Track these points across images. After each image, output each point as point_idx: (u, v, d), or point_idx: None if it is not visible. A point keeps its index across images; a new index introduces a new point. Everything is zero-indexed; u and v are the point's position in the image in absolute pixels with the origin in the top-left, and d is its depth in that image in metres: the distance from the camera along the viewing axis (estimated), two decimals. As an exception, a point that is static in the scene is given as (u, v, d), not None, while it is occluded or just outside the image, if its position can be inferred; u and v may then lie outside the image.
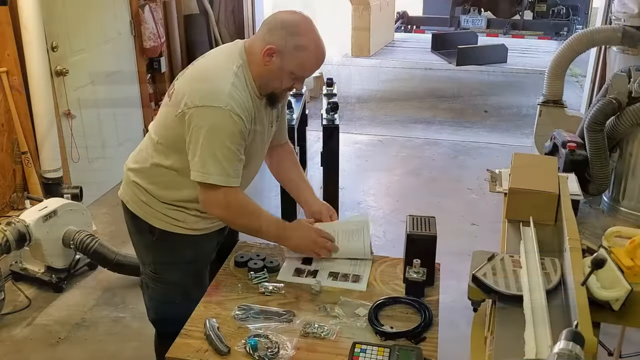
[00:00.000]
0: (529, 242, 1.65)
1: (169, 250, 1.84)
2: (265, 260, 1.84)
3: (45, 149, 3.60)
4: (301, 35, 1.62)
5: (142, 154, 1.83)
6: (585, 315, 1.24)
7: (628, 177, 3.71)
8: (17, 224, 2.92)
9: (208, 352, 1.48)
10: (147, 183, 1.80)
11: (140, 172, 1.82)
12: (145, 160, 1.80)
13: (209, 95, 1.60)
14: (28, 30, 3.36)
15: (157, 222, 1.81)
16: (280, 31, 1.62)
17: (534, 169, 2.02)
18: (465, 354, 2.58)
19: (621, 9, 3.88)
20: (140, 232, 1.87)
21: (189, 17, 5.36)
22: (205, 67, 1.72)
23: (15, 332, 2.83)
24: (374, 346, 1.44)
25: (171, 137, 1.71)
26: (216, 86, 1.61)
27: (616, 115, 3.50)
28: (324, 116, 3.84)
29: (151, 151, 1.78)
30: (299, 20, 1.64)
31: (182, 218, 1.80)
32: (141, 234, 1.86)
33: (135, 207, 1.84)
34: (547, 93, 4.35)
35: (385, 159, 5.09)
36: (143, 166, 1.81)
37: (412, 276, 1.65)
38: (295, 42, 1.61)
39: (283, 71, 1.65)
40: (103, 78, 4.21)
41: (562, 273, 1.52)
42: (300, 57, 1.63)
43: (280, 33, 1.61)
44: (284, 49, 1.61)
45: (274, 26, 1.64)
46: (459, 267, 3.28)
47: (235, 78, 1.63)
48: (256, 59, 1.65)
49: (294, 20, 1.63)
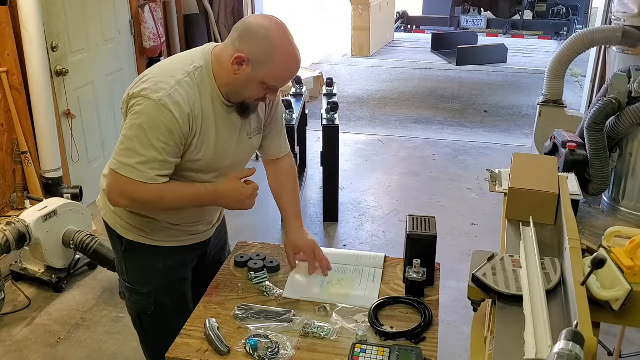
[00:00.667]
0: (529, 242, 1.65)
1: (137, 260, 1.78)
2: (265, 260, 1.84)
3: (45, 148, 3.60)
4: (273, 44, 1.49)
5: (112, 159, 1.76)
6: (585, 315, 1.24)
7: (628, 177, 3.71)
8: (17, 224, 2.92)
9: (208, 352, 1.48)
10: None
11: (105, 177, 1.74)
12: None
13: (151, 87, 1.51)
14: (28, 30, 3.36)
15: (124, 232, 1.75)
16: (251, 38, 1.49)
17: (534, 169, 2.02)
18: (465, 354, 2.59)
19: (621, 9, 3.89)
20: (113, 242, 1.82)
21: (189, 17, 5.36)
22: (165, 63, 1.63)
23: (15, 332, 2.83)
24: (374, 346, 1.44)
25: None
26: (161, 80, 1.51)
27: (616, 115, 3.50)
28: (324, 116, 3.84)
29: None
30: (271, 26, 1.50)
31: (150, 229, 1.73)
32: (114, 243, 1.82)
33: (106, 215, 1.78)
34: (547, 93, 4.35)
35: (385, 159, 5.09)
36: None
37: (412, 276, 1.65)
38: (267, 52, 1.49)
39: (253, 81, 1.53)
40: (103, 78, 4.21)
41: (562, 273, 1.52)
42: (272, 67, 1.51)
43: (251, 40, 1.49)
44: (254, 58, 1.50)
45: (244, 32, 1.51)
46: (459, 267, 3.30)
47: (186, 77, 1.53)
48: (224, 66, 1.54)
49: (267, 26, 1.50)
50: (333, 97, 4.19)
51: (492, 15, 11.21)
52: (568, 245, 1.52)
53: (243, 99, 1.59)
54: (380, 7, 9.53)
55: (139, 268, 1.79)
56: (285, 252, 1.87)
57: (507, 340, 1.31)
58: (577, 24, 10.44)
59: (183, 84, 1.52)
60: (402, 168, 4.87)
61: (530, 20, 11.00)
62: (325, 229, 3.89)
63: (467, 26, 10.85)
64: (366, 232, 3.84)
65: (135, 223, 1.73)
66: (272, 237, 3.60)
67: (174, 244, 1.77)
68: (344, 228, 3.89)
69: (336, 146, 3.83)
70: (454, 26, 11.01)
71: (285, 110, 3.79)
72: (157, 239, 1.75)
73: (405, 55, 9.40)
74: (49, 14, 3.60)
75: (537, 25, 10.92)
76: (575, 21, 10.51)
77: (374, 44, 9.36)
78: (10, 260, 3.25)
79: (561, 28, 10.53)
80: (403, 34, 11.34)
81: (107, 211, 1.77)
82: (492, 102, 6.79)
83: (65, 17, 3.77)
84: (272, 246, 1.98)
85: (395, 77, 8.00)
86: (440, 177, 4.67)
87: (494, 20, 11.10)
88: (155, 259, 1.77)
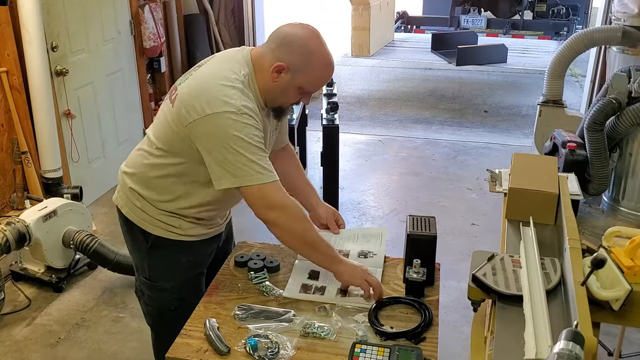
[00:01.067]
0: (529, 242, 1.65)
1: (163, 256, 1.80)
2: (265, 260, 1.84)
3: (45, 148, 3.60)
4: (312, 52, 1.59)
5: (139, 157, 1.77)
6: (585, 315, 1.24)
7: (628, 177, 3.71)
8: (17, 224, 2.92)
9: (208, 352, 1.48)
10: (142, 188, 1.75)
11: (135, 177, 1.76)
12: (141, 165, 1.75)
13: (220, 102, 1.54)
14: (28, 30, 3.36)
15: (152, 228, 1.77)
16: (290, 47, 1.58)
17: (534, 169, 2.02)
18: (465, 353, 2.59)
19: (621, 9, 3.89)
20: (134, 238, 1.82)
21: (189, 17, 5.36)
22: (211, 74, 1.64)
23: (15, 332, 2.83)
24: (374, 346, 1.44)
25: (172, 143, 1.66)
26: (225, 93, 1.56)
27: (616, 115, 3.50)
28: (324, 116, 3.84)
29: (149, 155, 1.73)
30: (308, 35, 1.60)
31: (178, 224, 1.76)
32: (136, 240, 1.82)
33: (129, 212, 1.79)
34: (547, 93, 4.35)
35: (385, 159, 5.09)
36: (139, 171, 1.75)
37: (412, 276, 1.65)
38: (305, 59, 1.58)
39: (292, 87, 1.63)
40: (103, 78, 4.21)
41: (562, 273, 1.52)
42: (311, 74, 1.61)
43: (289, 49, 1.58)
44: (293, 66, 1.59)
45: (283, 41, 1.60)
46: (459, 267, 3.30)
47: (242, 85, 1.59)
48: (264, 73, 1.62)
49: (304, 35, 1.59)
50: (333, 97, 4.18)
51: (492, 15, 11.22)
52: (568, 245, 1.52)
53: (280, 104, 1.69)
54: (380, 7, 9.54)
55: (164, 264, 1.81)
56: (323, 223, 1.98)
57: (507, 340, 1.31)
58: (577, 24, 10.44)
59: (245, 91, 1.59)
60: (402, 168, 4.87)
61: (530, 20, 11.01)
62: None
63: (467, 26, 10.85)
64: (366, 232, 3.84)
65: (164, 219, 1.75)
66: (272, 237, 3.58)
67: (198, 238, 1.81)
68: (344, 228, 3.89)
69: (336, 146, 3.83)
70: (454, 26, 11.02)
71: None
72: (185, 234, 1.78)
73: (405, 55, 9.41)
74: (49, 14, 3.60)
75: (537, 25, 10.93)
76: (575, 21, 10.52)
77: (374, 44, 9.36)
78: (10, 260, 3.25)
79: (561, 28, 10.54)
80: (403, 34, 11.35)
81: (131, 208, 1.78)
82: (492, 102, 6.79)
83: (65, 17, 3.77)
84: (272, 246, 1.98)
85: (395, 77, 8.00)
86: (440, 177, 4.67)
87: (494, 20, 11.10)
88: (181, 254, 1.80)
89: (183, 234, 1.77)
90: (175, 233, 1.77)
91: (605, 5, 4.64)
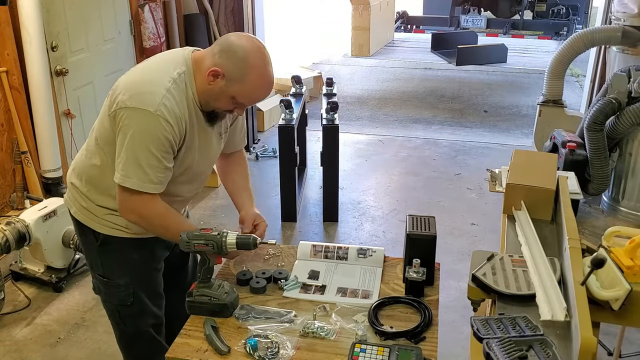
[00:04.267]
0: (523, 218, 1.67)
1: (114, 253, 1.81)
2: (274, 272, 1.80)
3: (45, 148, 3.60)
4: (250, 67, 1.57)
5: (82, 153, 1.79)
6: (585, 315, 1.24)
7: (628, 177, 3.71)
8: (17, 224, 2.92)
9: (208, 352, 1.48)
10: (83, 186, 1.76)
11: (76, 173, 1.79)
12: (82, 161, 1.77)
13: (141, 97, 1.56)
14: (28, 30, 3.36)
15: (100, 227, 1.78)
16: (230, 55, 1.57)
17: (533, 166, 2.03)
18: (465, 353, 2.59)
19: (621, 9, 3.88)
20: (85, 238, 1.84)
21: (189, 17, 5.36)
22: (146, 68, 1.68)
23: (14, 332, 2.83)
24: (373, 346, 1.44)
25: (104, 136, 1.68)
26: (150, 89, 1.56)
27: (616, 115, 3.50)
28: (324, 116, 3.85)
29: (86, 148, 1.76)
30: (252, 49, 1.58)
31: (124, 223, 1.76)
32: (86, 239, 1.83)
33: (77, 212, 1.80)
34: (546, 93, 4.34)
35: (385, 159, 5.09)
36: (80, 167, 1.78)
37: (412, 276, 1.65)
38: (242, 72, 1.57)
39: (225, 94, 1.61)
40: (103, 78, 4.21)
41: (562, 273, 1.52)
42: (245, 87, 1.59)
43: (229, 58, 1.57)
44: (229, 75, 1.58)
45: (225, 48, 1.59)
46: (458, 267, 3.30)
47: (173, 84, 1.58)
48: (202, 74, 1.61)
49: (247, 47, 1.57)
50: (333, 97, 4.18)
51: (492, 15, 11.22)
52: (568, 245, 1.52)
53: (213, 108, 1.67)
54: (380, 7, 9.54)
55: (116, 260, 1.83)
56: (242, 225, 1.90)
57: (506, 340, 1.31)
58: (577, 23, 10.44)
59: (172, 91, 1.58)
60: (402, 168, 4.87)
61: (530, 20, 11.01)
62: (325, 228, 3.89)
63: (467, 26, 10.85)
64: (366, 231, 3.84)
65: (110, 218, 1.76)
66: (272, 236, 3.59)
67: (147, 235, 1.80)
68: (343, 228, 3.89)
69: (336, 146, 3.83)
70: (454, 26, 11.02)
71: (285, 110, 3.80)
72: (132, 232, 1.78)
73: (405, 55, 9.41)
74: (49, 14, 3.60)
75: (537, 25, 10.93)
76: (575, 21, 10.52)
77: (373, 44, 9.36)
78: (10, 260, 3.25)
79: (561, 28, 10.54)
80: (403, 33, 11.35)
81: (78, 208, 1.80)
82: (492, 102, 6.79)
83: (65, 17, 3.77)
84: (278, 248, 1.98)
85: (395, 77, 8.00)
86: (440, 177, 4.67)
87: (494, 20, 11.11)
88: (131, 251, 1.81)
89: (131, 232, 1.78)
90: (122, 231, 1.78)
91: (605, 5, 4.64)
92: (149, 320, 1.90)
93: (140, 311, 1.87)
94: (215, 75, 1.58)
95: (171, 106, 1.56)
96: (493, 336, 1.26)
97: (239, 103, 1.65)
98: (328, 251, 1.89)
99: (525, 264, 1.56)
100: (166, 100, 1.55)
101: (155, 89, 1.56)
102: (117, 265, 1.83)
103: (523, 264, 1.57)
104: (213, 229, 1.62)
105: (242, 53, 1.57)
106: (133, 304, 1.85)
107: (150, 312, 1.90)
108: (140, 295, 1.85)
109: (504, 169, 2.22)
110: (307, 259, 1.88)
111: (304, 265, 1.84)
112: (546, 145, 3.91)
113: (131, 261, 1.82)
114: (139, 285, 1.85)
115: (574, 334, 1.25)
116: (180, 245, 1.62)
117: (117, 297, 1.86)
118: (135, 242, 1.80)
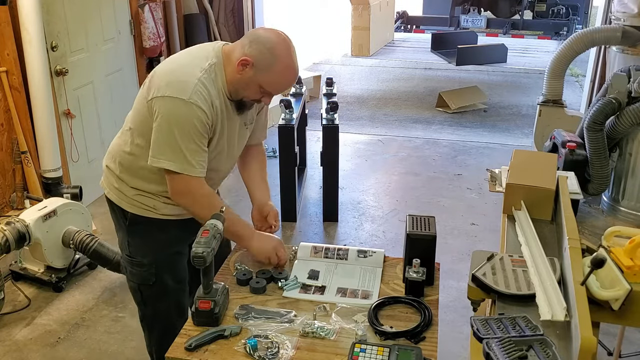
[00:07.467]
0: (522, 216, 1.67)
1: (141, 233, 1.91)
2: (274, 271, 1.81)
3: (45, 148, 3.60)
4: (277, 55, 1.68)
5: (117, 139, 1.92)
6: (585, 315, 1.24)
7: (628, 177, 3.71)
8: (17, 224, 2.92)
9: (208, 352, 1.48)
10: (117, 167, 1.88)
11: (111, 156, 1.91)
12: (117, 146, 1.89)
13: (175, 86, 1.66)
14: (28, 30, 3.36)
15: (129, 207, 1.88)
16: (258, 46, 1.68)
17: (533, 165, 2.03)
18: (465, 353, 2.59)
19: (621, 8, 3.88)
20: (116, 217, 1.96)
21: (189, 16, 5.36)
22: (178, 59, 1.80)
23: (14, 332, 2.83)
24: (373, 346, 1.44)
25: (139, 123, 1.78)
26: (183, 78, 1.67)
27: (616, 115, 3.50)
28: (324, 116, 3.85)
29: (124, 136, 1.86)
30: (278, 40, 1.69)
31: (152, 204, 1.86)
32: (117, 219, 1.96)
33: (110, 192, 1.92)
34: (546, 93, 4.34)
35: (385, 159, 5.09)
36: (115, 151, 1.89)
37: (411, 276, 1.65)
38: (269, 60, 1.68)
39: (253, 83, 1.71)
40: (103, 78, 4.21)
41: (562, 273, 1.52)
42: (271, 75, 1.70)
43: (258, 48, 1.68)
44: (257, 64, 1.68)
45: (254, 39, 1.70)
46: (458, 267, 3.30)
47: (205, 74, 1.69)
48: (232, 65, 1.72)
49: (274, 39, 1.69)
50: (333, 97, 4.18)
51: (492, 15, 11.22)
52: (568, 245, 1.52)
53: (241, 97, 1.77)
54: (380, 7, 9.53)
55: (142, 240, 1.92)
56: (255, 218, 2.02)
57: (506, 340, 1.31)
58: (576, 23, 10.44)
59: (204, 80, 1.69)
60: (402, 168, 4.87)
61: (530, 20, 11.01)
62: (325, 228, 3.89)
63: (467, 26, 10.85)
64: (366, 231, 3.84)
65: (139, 199, 1.87)
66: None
67: (173, 217, 1.89)
68: (343, 228, 3.90)
69: (336, 146, 3.83)
70: (453, 26, 11.02)
71: (285, 110, 3.80)
72: (160, 213, 1.88)
73: (405, 55, 9.40)
74: (49, 13, 3.60)
75: (536, 25, 10.93)
76: (575, 21, 10.52)
77: (373, 44, 9.36)
78: (10, 260, 3.25)
79: (561, 28, 10.54)
80: (403, 33, 11.35)
81: (111, 189, 1.92)
82: (492, 102, 6.79)
83: (65, 17, 3.76)
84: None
85: (395, 77, 8.00)
86: (440, 177, 4.67)
87: (494, 20, 11.11)
88: (156, 232, 1.90)
89: (158, 213, 1.88)
90: (150, 211, 1.88)
91: (605, 5, 4.64)
92: (171, 304, 1.97)
93: (161, 292, 1.95)
94: (244, 65, 1.69)
95: (203, 94, 1.67)
96: (493, 336, 1.26)
97: (266, 92, 1.75)
98: (328, 251, 1.89)
99: (525, 264, 1.57)
100: (199, 88, 1.66)
101: (189, 79, 1.67)
102: (143, 243, 1.92)
103: (523, 264, 1.57)
104: None
105: (270, 44, 1.68)
106: (155, 284, 1.93)
107: (173, 297, 1.97)
108: (163, 277, 1.93)
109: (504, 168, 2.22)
110: (307, 258, 1.89)
111: (303, 265, 1.85)
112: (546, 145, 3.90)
113: (156, 241, 1.91)
114: (162, 266, 1.92)
115: (574, 333, 1.25)
116: None
117: (141, 276, 1.94)
118: (161, 223, 1.89)
